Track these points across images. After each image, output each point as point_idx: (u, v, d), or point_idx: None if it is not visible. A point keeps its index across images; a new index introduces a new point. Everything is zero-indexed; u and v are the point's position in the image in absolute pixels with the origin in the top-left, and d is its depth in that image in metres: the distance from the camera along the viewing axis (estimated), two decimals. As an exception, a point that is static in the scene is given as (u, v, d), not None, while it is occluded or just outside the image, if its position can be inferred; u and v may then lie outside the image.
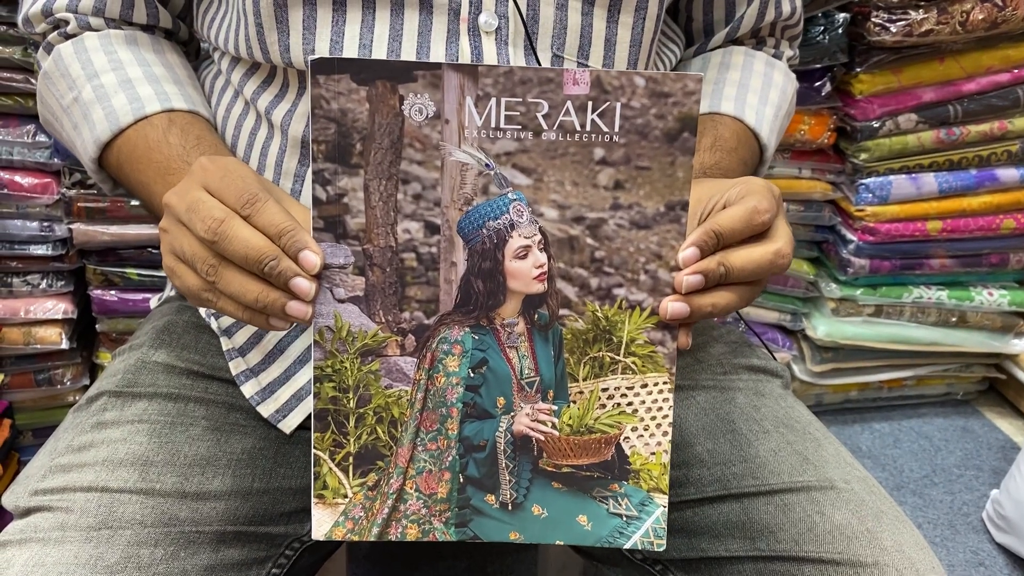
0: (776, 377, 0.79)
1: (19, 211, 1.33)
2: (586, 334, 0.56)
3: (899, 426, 1.75)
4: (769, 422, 0.72)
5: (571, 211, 0.54)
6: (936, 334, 1.66)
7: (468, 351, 0.56)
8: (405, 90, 0.52)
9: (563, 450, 0.57)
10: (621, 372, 0.57)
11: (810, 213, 1.57)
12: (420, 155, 0.53)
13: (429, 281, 0.55)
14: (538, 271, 0.55)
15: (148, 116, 0.69)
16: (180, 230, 0.54)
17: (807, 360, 1.69)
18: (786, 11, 0.82)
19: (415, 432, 0.56)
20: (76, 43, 0.72)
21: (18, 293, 1.37)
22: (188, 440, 0.68)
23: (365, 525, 0.57)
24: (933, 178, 1.52)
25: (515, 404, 0.57)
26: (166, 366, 0.73)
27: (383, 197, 0.53)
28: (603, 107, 0.52)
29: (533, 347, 0.56)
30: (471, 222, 0.54)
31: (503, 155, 0.53)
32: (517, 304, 0.55)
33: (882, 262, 1.57)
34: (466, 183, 0.53)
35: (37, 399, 1.45)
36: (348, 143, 0.52)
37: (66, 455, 0.67)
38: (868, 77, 1.45)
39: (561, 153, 0.53)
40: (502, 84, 0.51)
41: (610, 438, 0.57)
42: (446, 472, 0.57)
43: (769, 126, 0.78)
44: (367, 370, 0.55)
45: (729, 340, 0.82)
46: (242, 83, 0.72)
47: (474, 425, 0.57)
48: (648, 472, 0.57)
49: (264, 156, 0.71)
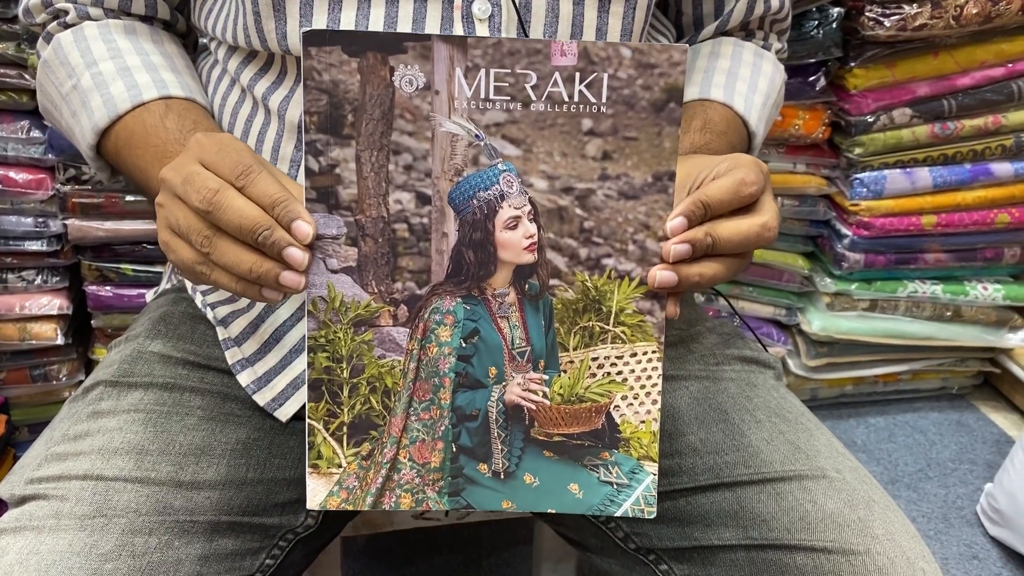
0: (768, 368, 0.80)
1: (13, 207, 1.32)
2: (576, 304, 0.57)
3: (894, 420, 1.76)
4: (761, 412, 0.72)
5: (560, 182, 0.55)
6: (931, 328, 1.66)
7: (460, 321, 0.56)
8: (395, 61, 0.52)
9: (554, 419, 0.58)
10: (611, 341, 0.57)
11: (805, 208, 1.57)
12: (411, 126, 0.53)
13: (421, 252, 0.55)
14: (528, 241, 0.55)
15: (146, 103, 0.70)
16: (176, 203, 0.54)
17: (802, 354, 1.69)
18: (775, 5, 0.83)
19: (408, 402, 0.57)
20: (75, 32, 0.73)
21: (13, 289, 1.36)
22: (183, 429, 0.68)
23: (359, 495, 0.58)
24: (927, 172, 1.52)
25: (507, 374, 0.57)
26: (162, 356, 0.73)
27: (375, 168, 0.54)
28: (590, 78, 0.53)
29: (524, 317, 0.57)
30: (461, 193, 0.55)
31: (493, 126, 0.53)
32: (508, 274, 0.56)
33: (877, 256, 1.58)
34: (456, 154, 0.54)
35: (33, 395, 1.45)
36: (340, 114, 0.53)
37: (62, 444, 0.67)
38: (862, 72, 1.45)
39: (550, 124, 0.54)
40: (491, 56, 0.52)
41: (600, 407, 0.58)
42: (439, 441, 0.58)
43: (758, 114, 0.78)
44: (360, 340, 0.56)
45: (722, 332, 0.82)
46: (239, 71, 0.73)
47: (466, 395, 0.57)
48: (638, 440, 0.58)
49: (261, 142, 0.71)
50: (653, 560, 0.71)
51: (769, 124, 0.83)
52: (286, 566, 0.72)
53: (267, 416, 0.72)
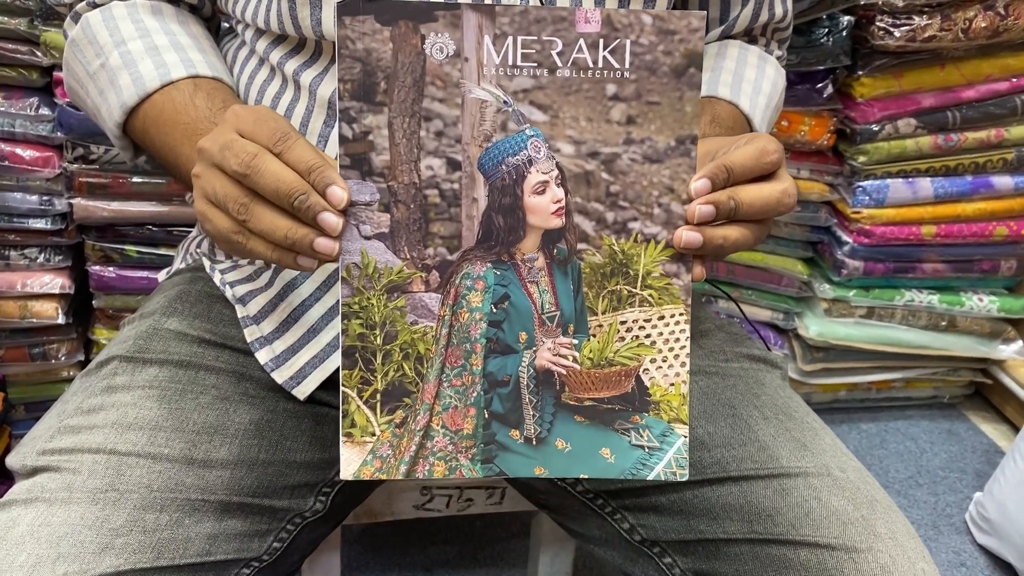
0: (775, 368, 0.81)
1: (19, 184, 1.32)
2: (604, 268, 0.57)
3: (886, 427, 1.77)
4: (769, 409, 0.73)
5: (586, 146, 0.56)
6: (925, 337, 1.67)
7: (490, 286, 0.57)
8: (426, 30, 0.53)
9: (584, 383, 0.58)
10: (639, 305, 0.58)
11: (807, 214, 1.58)
12: (441, 93, 0.54)
13: (452, 217, 0.56)
14: (556, 206, 0.56)
15: (174, 81, 0.70)
16: (213, 172, 0.55)
17: (798, 359, 1.70)
18: (778, 14, 0.84)
19: (440, 368, 0.57)
20: (104, 11, 0.74)
21: (15, 266, 1.36)
22: (197, 408, 0.68)
23: (393, 463, 0.57)
24: (929, 183, 1.54)
25: (537, 339, 0.57)
26: (178, 333, 0.73)
27: (406, 134, 0.55)
28: (614, 44, 0.54)
29: (553, 282, 0.57)
30: (491, 158, 0.55)
31: (520, 92, 0.55)
32: (537, 239, 0.57)
33: (876, 264, 1.59)
34: (485, 120, 0.55)
35: (31, 373, 1.44)
36: (373, 82, 0.54)
37: (75, 416, 0.67)
38: (870, 81, 1.46)
39: (575, 90, 0.55)
40: (518, 23, 0.53)
41: (630, 370, 0.58)
42: (471, 408, 0.57)
43: (761, 114, 0.80)
44: (393, 306, 0.56)
45: (730, 330, 0.83)
46: (268, 51, 0.73)
47: (497, 360, 0.57)
48: (668, 403, 0.58)
49: (288, 118, 0.71)
50: (657, 552, 0.72)
51: (770, 126, 0.84)
52: (292, 550, 0.73)
53: (281, 398, 0.72)
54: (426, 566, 1.36)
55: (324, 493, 0.74)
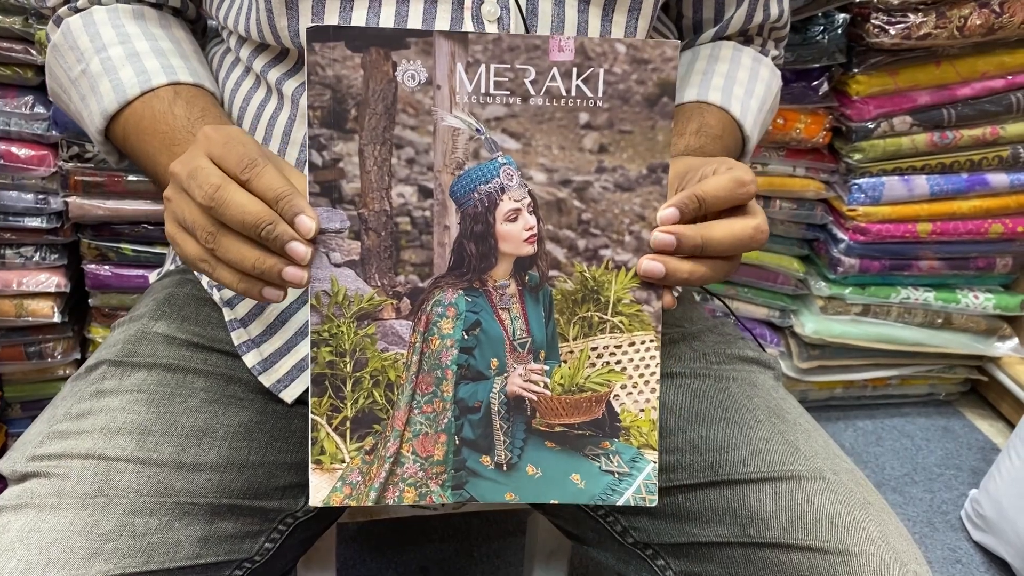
0: (768, 369, 0.80)
1: (15, 182, 1.31)
2: (575, 294, 0.57)
3: (882, 424, 1.77)
4: (761, 412, 0.73)
5: (558, 174, 0.56)
6: (921, 335, 1.68)
7: (462, 313, 0.57)
8: (398, 56, 0.53)
9: (555, 409, 0.58)
10: (609, 331, 0.58)
11: (802, 211, 1.58)
12: (413, 120, 0.54)
13: (423, 244, 0.56)
14: (528, 233, 0.56)
15: (154, 88, 0.70)
16: (182, 198, 0.54)
17: (794, 357, 1.70)
18: (774, 14, 0.84)
19: (411, 395, 0.57)
20: (85, 16, 0.74)
21: (11, 265, 1.35)
22: (186, 411, 0.68)
23: (363, 490, 0.58)
24: (925, 180, 1.54)
25: (508, 365, 0.58)
26: (166, 337, 0.73)
27: (378, 162, 0.54)
28: (587, 73, 0.54)
29: (524, 308, 0.58)
30: (463, 186, 0.55)
31: (493, 120, 0.54)
32: (508, 266, 0.57)
33: (872, 262, 1.59)
34: (458, 148, 0.55)
35: (27, 372, 1.44)
36: (343, 109, 0.54)
37: (64, 422, 0.67)
38: (865, 78, 1.46)
39: (548, 118, 0.55)
40: (491, 51, 0.53)
41: (600, 396, 0.58)
42: (442, 434, 0.58)
43: (753, 118, 0.79)
44: (363, 334, 0.56)
45: (723, 331, 0.83)
46: (251, 58, 0.73)
47: (469, 387, 0.57)
48: (638, 429, 0.59)
49: (272, 127, 0.72)
50: (650, 555, 0.72)
51: (763, 129, 0.84)
52: (284, 550, 0.73)
53: (269, 400, 0.72)
54: (422, 565, 1.36)
55: (317, 494, 0.74)
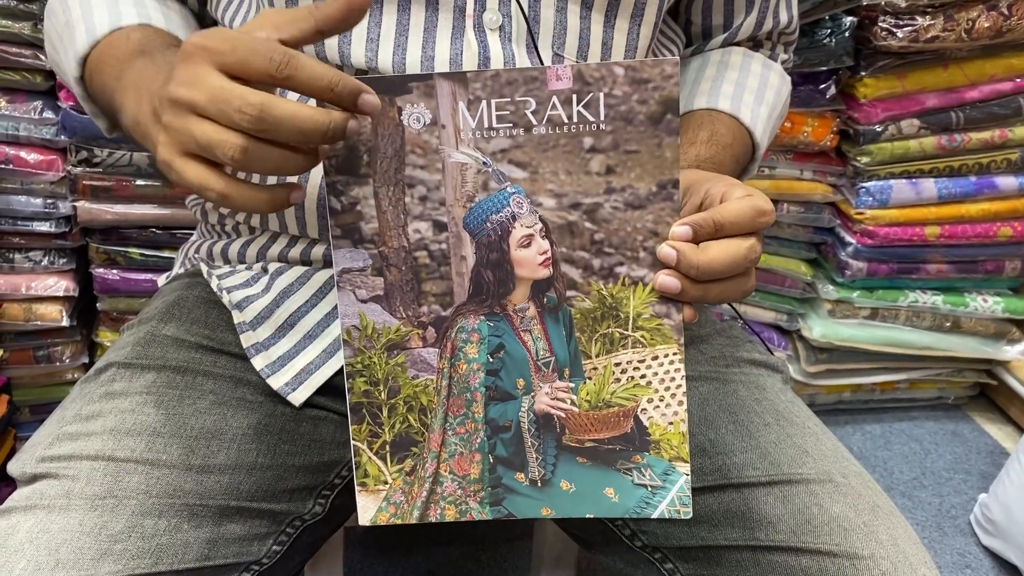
0: (777, 372, 0.80)
1: (23, 187, 1.32)
2: (594, 312, 0.58)
3: (890, 428, 1.77)
4: (770, 414, 0.73)
5: (568, 198, 0.57)
6: (930, 338, 1.67)
7: (485, 338, 0.58)
8: (402, 101, 0.55)
9: (584, 425, 0.59)
10: (631, 346, 0.58)
11: (810, 215, 1.58)
12: (422, 160, 0.56)
13: (442, 275, 0.58)
14: (542, 257, 0.57)
15: (123, 28, 0.68)
16: (198, 122, 0.49)
17: (802, 360, 1.70)
18: (783, 20, 0.84)
19: (444, 417, 0.59)
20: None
21: (20, 269, 1.36)
22: (195, 413, 0.69)
23: (407, 509, 0.60)
24: (933, 184, 1.53)
25: (534, 384, 0.59)
26: (175, 339, 0.73)
27: (392, 202, 0.57)
28: (587, 98, 0.55)
29: (545, 329, 0.59)
30: (475, 217, 0.57)
31: (498, 152, 0.56)
32: (526, 290, 0.58)
33: (880, 265, 1.58)
34: (467, 181, 0.56)
35: (36, 376, 1.45)
36: (356, 155, 0.56)
37: (74, 423, 0.67)
38: (873, 81, 1.46)
39: (552, 145, 0.56)
40: (490, 87, 0.55)
41: (628, 411, 0.59)
42: (476, 453, 0.59)
43: (763, 125, 0.79)
44: (394, 363, 0.59)
45: (731, 334, 0.83)
46: None
47: (498, 407, 0.59)
48: (668, 442, 0.59)
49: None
50: (659, 558, 0.72)
51: (773, 135, 0.84)
52: (292, 553, 0.73)
53: (279, 402, 0.72)
54: (429, 568, 1.36)
55: (324, 496, 0.74)
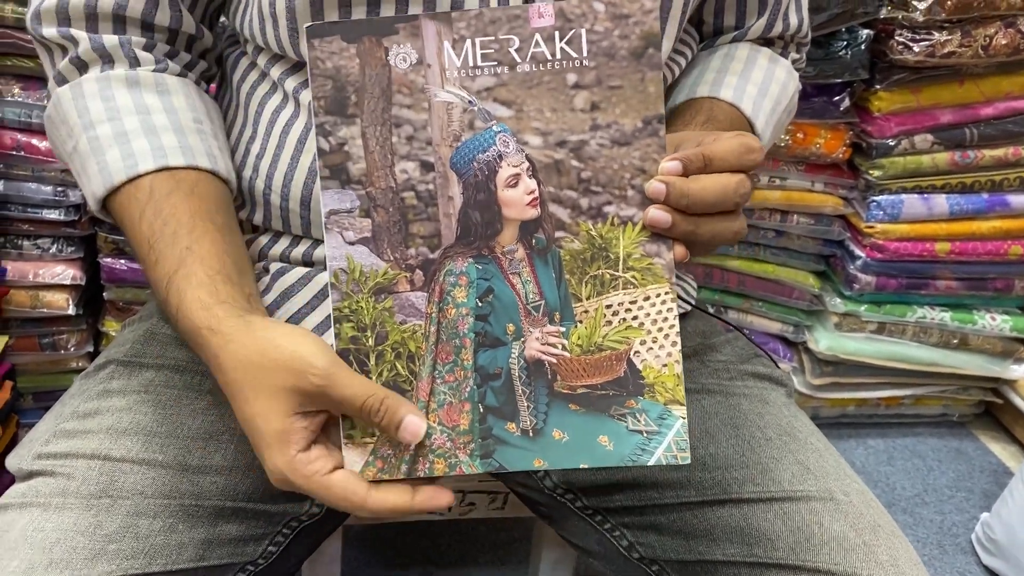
0: (781, 386, 0.80)
1: (34, 174, 1.32)
2: (583, 253, 0.57)
3: (893, 444, 1.75)
4: (772, 430, 0.72)
5: (553, 136, 0.57)
6: (936, 355, 1.66)
7: (474, 281, 0.58)
8: (389, 42, 0.56)
9: (576, 370, 0.58)
10: (622, 287, 0.57)
11: (820, 227, 1.57)
12: (409, 99, 0.57)
13: (430, 217, 0.58)
14: (529, 197, 0.57)
15: (141, 175, 0.66)
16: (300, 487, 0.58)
17: (807, 372, 1.69)
18: (793, 24, 0.83)
19: (432, 365, 0.58)
20: (73, 88, 0.68)
21: (28, 256, 1.36)
22: (192, 413, 0.68)
23: (394, 463, 0.58)
24: (945, 200, 1.52)
25: (524, 330, 0.58)
26: (175, 337, 0.73)
27: (379, 142, 0.57)
28: (569, 35, 0.56)
29: (535, 271, 0.58)
30: (462, 157, 0.57)
31: (483, 91, 0.56)
32: (514, 231, 0.57)
33: (888, 280, 1.57)
34: (453, 121, 0.57)
35: (40, 363, 1.45)
36: (344, 96, 0.57)
37: (71, 421, 0.67)
38: (887, 95, 1.45)
39: (537, 83, 0.56)
40: (474, 26, 0.56)
41: (620, 354, 0.57)
42: (466, 403, 0.58)
43: (765, 118, 0.78)
44: (381, 308, 0.58)
45: (736, 345, 0.82)
46: (268, 66, 0.72)
47: (487, 353, 0.58)
48: (662, 384, 0.57)
49: (286, 133, 0.70)
50: (656, 571, 0.71)
51: (778, 131, 0.83)
52: (288, 554, 0.73)
53: (278, 403, 0.72)
54: (427, 568, 1.36)
55: (322, 497, 0.74)
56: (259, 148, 0.72)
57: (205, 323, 0.59)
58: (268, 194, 0.71)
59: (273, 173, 0.70)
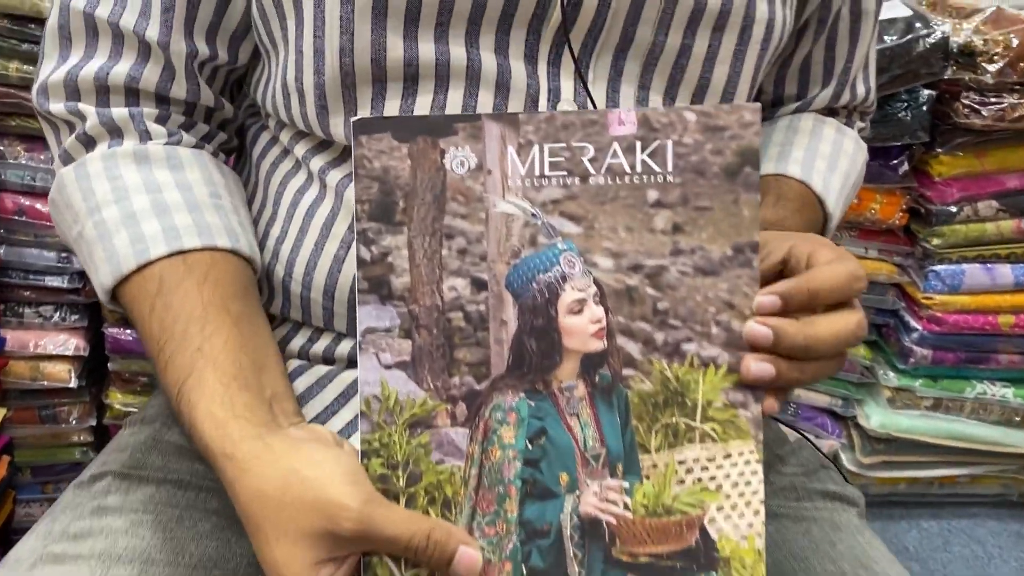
0: (853, 505, 0.74)
1: (37, 239, 1.30)
2: (655, 397, 0.52)
3: (949, 526, 1.67)
4: (846, 561, 0.66)
5: (627, 259, 0.52)
6: (997, 433, 1.59)
7: (524, 419, 0.52)
8: (446, 144, 0.52)
9: (639, 535, 0.51)
10: (699, 441, 0.52)
11: (873, 295, 1.53)
12: (464, 208, 0.52)
13: (479, 342, 0.53)
14: (595, 327, 0.52)
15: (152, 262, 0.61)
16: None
17: (856, 449, 1.61)
18: (860, 94, 0.80)
19: (471, 514, 0.52)
20: (78, 169, 0.64)
21: (29, 325, 1.33)
22: (195, 537, 0.62)
23: None
24: (1010, 270, 1.47)
25: (580, 481, 0.52)
26: (179, 447, 0.67)
27: (427, 254, 0.53)
28: (653, 146, 0.51)
29: (596, 413, 0.52)
30: (520, 276, 0.52)
31: (549, 203, 0.52)
32: (575, 364, 0.52)
33: (946, 353, 1.51)
34: (512, 235, 0.52)
35: (40, 436, 1.41)
36: (391, 201, 0.53)
37: (61, 542, 0.61)
38: (949, 159, 1.41)
39: (612, 197, 0.52)
40: (544, 130, 0.51)
41: (692, 520, 0.51)
42: (507, 562, 0.51)
43: (836, 194, 0.74)
44: (416, 443, 0.52)
45: (802, 457, 0.76)
46: (292, 143, 0.67)
47: (536, 506, 0.52)
48: (740, 560, 0.51)
49: (310, 217, 0.65)
50: None
51: (847, 206, 0.79)
52: None
53: (288, 528, 0.65)
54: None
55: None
56: (280, 231, 0.67)
57: (220, 448, 0.54)
58: (288, 282, 0.66)
59: (295, 259, 0.66)
